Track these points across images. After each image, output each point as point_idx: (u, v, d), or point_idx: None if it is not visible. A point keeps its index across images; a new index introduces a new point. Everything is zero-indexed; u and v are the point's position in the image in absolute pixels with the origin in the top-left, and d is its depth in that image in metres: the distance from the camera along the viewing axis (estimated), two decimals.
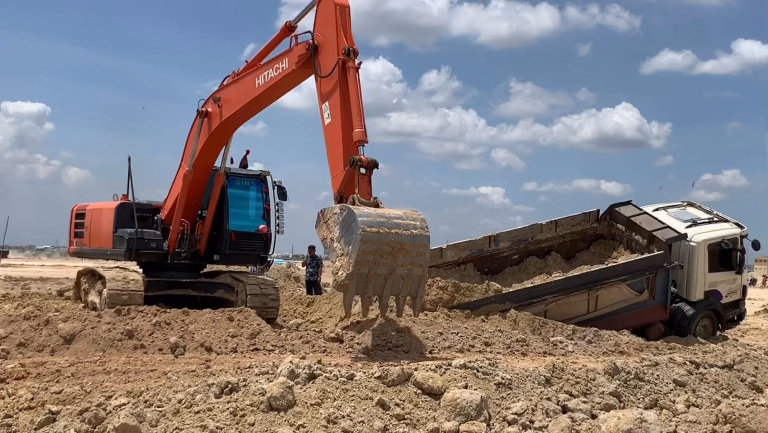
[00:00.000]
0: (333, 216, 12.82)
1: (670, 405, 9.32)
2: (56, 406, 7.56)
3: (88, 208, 19.01)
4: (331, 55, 13.70)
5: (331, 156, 13.80)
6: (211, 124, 16.59)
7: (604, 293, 18.58)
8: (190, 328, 13.53)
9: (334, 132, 13.67)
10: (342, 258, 12.34)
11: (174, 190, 17.40)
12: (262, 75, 15.30)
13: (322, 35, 13.91)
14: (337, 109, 13.60)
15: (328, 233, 12.91)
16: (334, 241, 12.63)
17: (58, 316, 13.63)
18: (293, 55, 14.43)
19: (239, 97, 15.93)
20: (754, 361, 11.93)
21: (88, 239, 18.60)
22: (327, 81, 13.76)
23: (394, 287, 12.80)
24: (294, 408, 7.10)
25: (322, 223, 13.12)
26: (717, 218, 21.34)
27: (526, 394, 8.59)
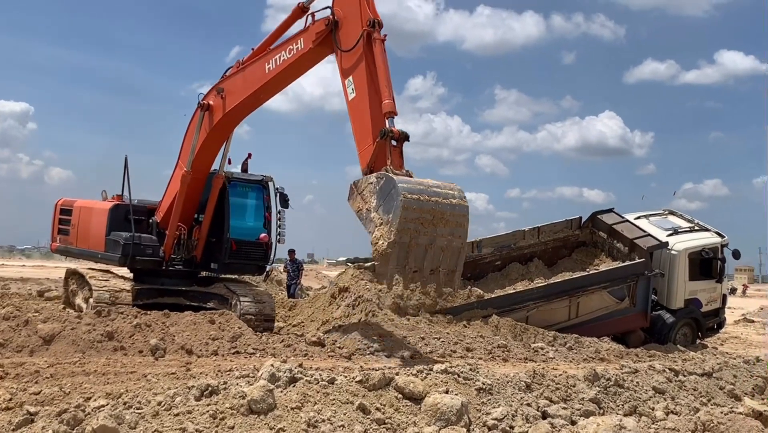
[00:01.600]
0: (368, 186, 12.55)
1: (649, 412, 9.35)
2: (34, 407, 7.51)
3: (75, 205, 18.34)
4: (353, 28, 13.50)
5: (358, 130, 13.51)
6: (213, 117, 16.08)
7: (585, 300, 18.65)
8: (170, 330, 13.45)
9: (361, 106, 13.39)
10: (382, 227, 12.07)
11: (170, 191, 16.84)
12: (272, 59, 14.95)
13: (342, 10, 13.73)
14: (362, 83, 13.36)
15: (364, 204, 12.64)
16: (372, 211, 12.33)
17: (37, 316, 13.53)
18: (310, 33, 14.18)
19: (246, 85, 15.52)
20: (733, 369, 12.00)
21: (74, 237, 18.05)
22: (349, 56, 13.54)
23: (434, 258, 12.49)
24: (274, 412, 7.08)
25: (356, 195, 12.88)
26: (698, 227, 21.49)
27: (507, 399, 8.60)
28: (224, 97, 15.77)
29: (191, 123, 16.60)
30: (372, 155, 12.83)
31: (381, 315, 16.24)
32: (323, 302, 18.57)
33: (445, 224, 12.25)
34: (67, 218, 18.42)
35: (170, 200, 16.70)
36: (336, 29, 13.73)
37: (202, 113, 16.06)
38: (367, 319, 16.15)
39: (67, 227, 18.37)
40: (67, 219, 18.45)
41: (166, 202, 16.97)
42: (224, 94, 15.76)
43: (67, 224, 18.36)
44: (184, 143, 16.75)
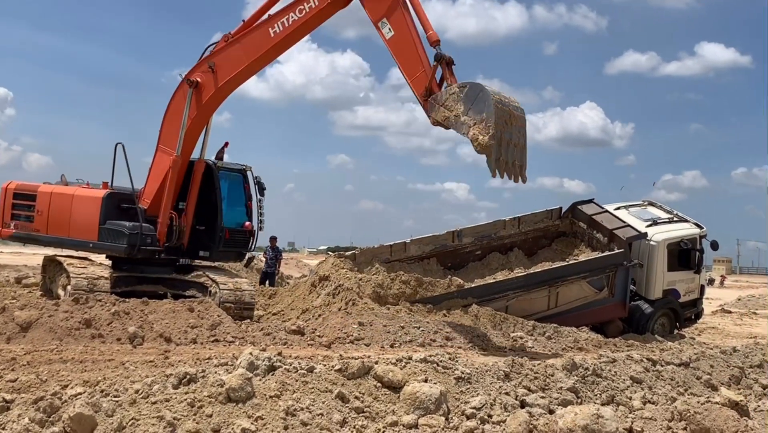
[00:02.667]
0: (451, 96, 13.85)
1: (627, 401, 9.41)
2: (10, 394, 7.45)
3: (41, 190, 17.39)
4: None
5: (406, 60, 14.65)
6: (202, 95, 16.20)
7: (564, 290, 18.74)
8: (149, 318, 13.39)
9: (404, 40, 14.63)
10: (476, 126, 13.41)
11: (154, 177, 16.66)
12: (278, 22, 15.54)
13: None
14: (401, 22, 14.61)
15: (449, 112, 13.88)
16: (461, 116, 13.64)
17: (14, 303, 13.44)
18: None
19: (246, 53, 15.97)
20: (710, 359, 12.09)
21: (42, 224, 17.08)
22: (376, 3, 14.82)
23: (512, 153, 13.84)
24: (253, 400, 7.07)
25: (438, 107, 14.04)
26: (677, 218, 21.62)
27: (485, 388, 8.62)
28: (215, 71, 16.00)
29: (172, 105, 16.56)
30: (429, 78, 14.19)
31: (361, 304, 16.24)
32: (303, 290, 18.54)
33: (513, 123, 13.78)
34: (28, 203, 17.45)
35: (155, 186, 16.58)
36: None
37: (191, 90, 16.11)
38: (347, 308, 16.14)
39: (28, 212, 17.42)
40: (27, 204, 17.47)
41: (150, 189, 16.72)
42: (215, 68, 15.98)
43: (28, 209, 17.42)
44: (164, 126, 16.66)
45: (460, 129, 13.86)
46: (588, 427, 7.86)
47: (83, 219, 16.65)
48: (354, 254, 19.33)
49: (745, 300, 38.33)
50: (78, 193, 17.17)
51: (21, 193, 17.66)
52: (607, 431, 7.92)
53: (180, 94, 16.46)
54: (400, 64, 14.96)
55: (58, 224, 17.01)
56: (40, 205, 17.23)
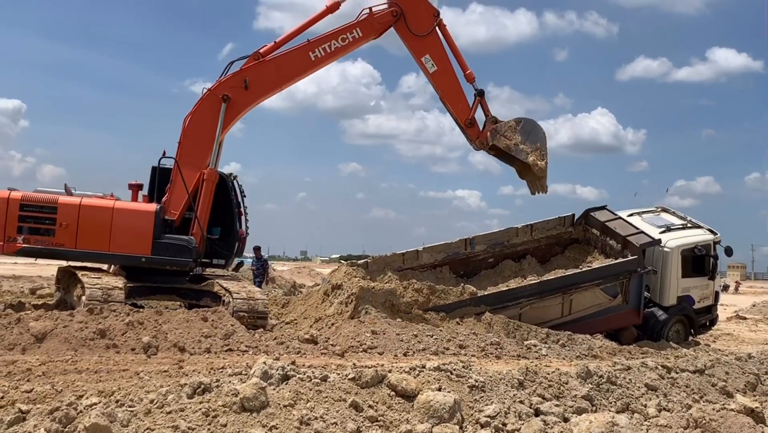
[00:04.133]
0: (509, 128, 17.64)
1: (642, 409, 9.38)
2: (26, 405, 7.50)
3: (62, 202, 16.08)
4: (418, 17, 17.26)
5: (450, 93, 17.64)
6: (234, 109, 16.67)
7: (578, 297, 18.68)
8: (163, 328, 13.42)
9: (446, 73, 17.50)
10: (534, 153, 17.59)
11: (179, 190, 16.63)
12: (319, 48, 16.92)
13: (400, 2, 17.12)
14: (441, 58, 17.39)
15: (509, 141, 17.56)
16: (519, 144, 17.54)
17: (29, 314, 13.50)
18: (373, 23, 17.16)
19: (281, 74, 17.05)
20: (725, 366, 12.02)
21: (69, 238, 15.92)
22: (419, 38, 17.26)
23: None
24: (267, 409, 7.08)
25: (499, 136, 17.58)
26: (690, 224, 21.52)
27: (500, 397, 8.61)
28: (249, 87, 16.59)
29: (196, 118, 16.71)
30: (470, 110, 17.62)
31: (374, 312, 16.24)
32: (316, 299, 18.56)
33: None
34: (44, 215, 16.00)
35: (182, 199, 16.66)
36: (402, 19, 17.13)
37: (224, 105, 16.45)
38: (360, 316, 16.15)
39: (44, 225, 15.95)
40: (41, 216, 15.99)
41: (177, 202, 16.72)
42: (248, 84, 16.58)
43: (44, 222, 15.96)
44: (188, 139, 16.74)
45: (519, 155, 17.53)
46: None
47: (131, 233, 16.18)
48: (366, 263, 19.35)
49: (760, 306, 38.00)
50: (121, 206, 16.55)
51: (32, 205, 16.00)
52: None
53: (206, 107, 16.68)
54: (443, 95, 17.66)
55: (93, 237, 16.05)
56: (63, 218, 15.96)
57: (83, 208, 16.13)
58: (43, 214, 16.01)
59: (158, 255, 16.21)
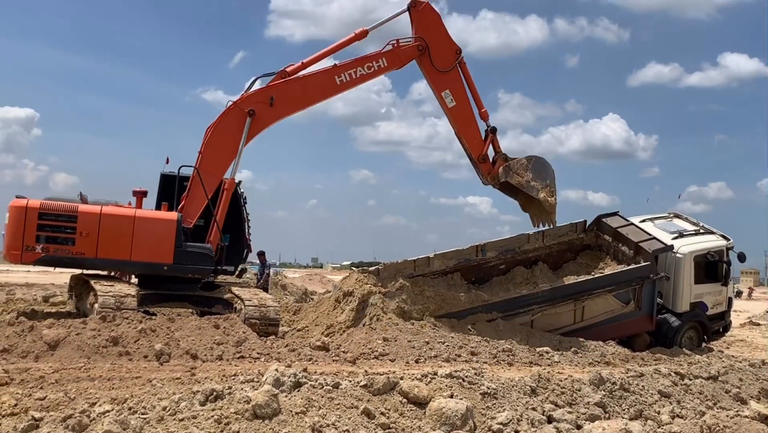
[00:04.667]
0: (521, 165, 18.43)
1: (655, 416, 9.34)
2: (40, 412, 7.52)
3: (83, 211, 15.79)
4: (441, 53, 17.97)
5: (466, 128, 18.47)
6: (258, 124, 16.94)
7: (590, 304, 18.63)
8: (175, 335, 13.44)
9: (465, 111, 18.33)
10: (545, 189, 18.45)
11: (198, 198, 16.69)
12: (345, 73, 17.47)
13: (426, 38, 17.83)
14: (461, 94, 18.20)
15: (521, 177, 18.37)
16: (530, 181, 18.36)
17: (42, 322, 13.54)
18: (399, 54, 17.84)
19: (307, 95, 17.59)
20: (739, 373, 11.98)
21: (90, 247, 15.72)
22: (441, 74, 17.99)
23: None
24: (279, 416, 7.08)
25: (512, 173, 18.37)
26: (703, 230, 21.44)
27: (512, 404, 8.59)
28: (274, 104, 16.92)
29: (219, 130, 16.82)
30: (483, 146, 18.48)
31: (385, 319, 16.25)
32: (328, 306, 18.56)
33: None
34: (64, 224, 15.70)
35: (199, 207, 16.73)
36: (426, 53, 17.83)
37: (249, 120, 16.69)
38: (372, 323, 16.15)
39: (64, 234, 15.67)
40: (61, 225, 15.70)
41: (193, 210, 16.77)
42: (274, 102, 16.91)
43: (64, 231, 15.68)
44: (210, 150, 16.82)
45: (531, 191, 18.41)
46: None
47: (152, 241, 16.11)
48: (378, 270, 19.30)
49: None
50: (142, 214, 16.44)
51: (51, 214, 15.68)
52: None
53: (230, 120, 16.84)
54: (459, 130, 18.53)
55: (114, 246, 15.90)
56: (83, 227, 15.71)
57: (104, 216, 15.96)
58: (62, 222, 15.73)
59: (180, 263, 16.24)
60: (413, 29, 18.10)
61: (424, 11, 18.03)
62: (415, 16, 18.02)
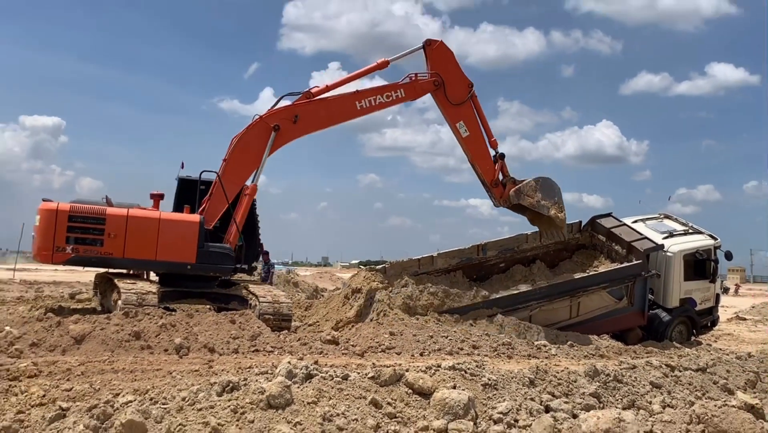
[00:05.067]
0: (530, 188, 18.73)
1: (647, 406, 9.32)
2: (66, 403, 7.54)
3: (110, 213, 15.83)
4: (455, 87, 18.30)
5: (479, 156, 18.79)
6: (282, 139, 17.10)
7: (585, 300, 18.62)
8: (194, 330, 13.47)
9: (478, 141, 18.71)
10: (554, 206, 18.75)
11: (219, 202, 16.75)
12: (365, 99, 17.75)
13: (441, 73, 18.19)
14: (473, 125, 18.56)
15: (532, 198, 18.69)
16: (540, 200, 18.67)
17: (69, 318, 13.58)
18: (416, 87, 18.24)
19: (330, 116, 17.77)
20: (726, 365, 11.94)
21: (118, 247, 15.77)
22: (455, 107, 18.32)
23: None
24: (291, 406, 7.09)
25: (524, 195, 18.71)
26: (692, 230, 21.43)
27: (511, 394, 8.59)
28: (298, 121, 17.09)
29: (245, 140, 16.96)
30: (495, 171, 18.84)
31: (392, 315, 16.25)
32: (337, 302, 18.59)
33: None
34: (93, 226, 15.72)
35: (220, 210, 16.81)
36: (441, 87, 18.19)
37: (274, 134, 16.85)
38: (379, 318, 16.16)
39: (93, 236, 15.68)
40: (90, 227, 15.72)
41: (214, 213, 16.83)
42: (298, 120, 17.08)
43: (93, 232, 15.69)
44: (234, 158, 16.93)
45: (542, 210, 18.70)
46: (610, 430, 7.80)
47: (176, 242, 16.15)
48: (384, 268, 19.34)
49: (759, 307, 37.66)
50: (167, 217, 16.49)
51: (81, 216, 15.71)
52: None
53: (256, 132, 16.97)
54: (472, 158, 18.81)
55: (140, 246, 15.97)
56: (112, 228, 15.77)
57: (131, 218, 16.00)
58: (91, 224, 15.75)
59: (202, 262, 16.31)
60: (428, 65, 18.40)
61: (439, 49, 18.38)
62: (430, 53, 18.36)
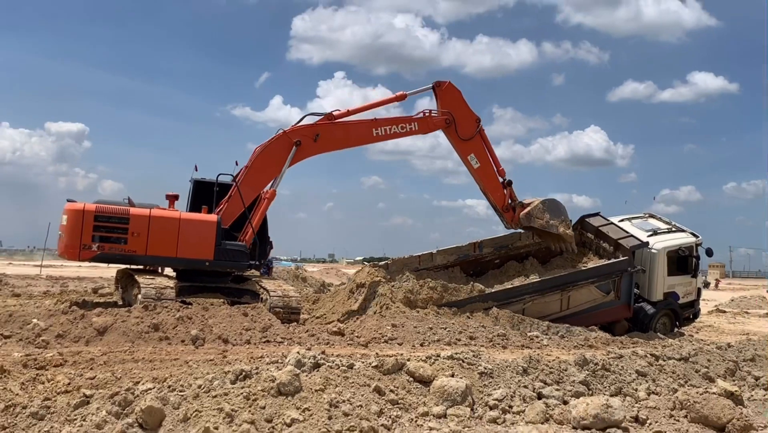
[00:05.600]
0: (537, 209, 19.24)
1: (633, 393, 9.30)
2: (90, 390, 7.53)
3: (134, 213, 15.87)
4: (465, 124, 18.76)
5: (490, 185, 19.22)
6: (302, 154, 17.28)
7: (575, 294, 18.61)
8: (209, 322, 13.47)
9: (488, 171, 19.16)
10: (562, 224, 19.47)
11: (236, 204, 16.85)
12: (382, 128, 18.11)
13: (452, 111, 18.61)
14: (483, 157, 19.01)
15: (542, 220, 19.22)
16: (549, 220, 19.24)
17: (92, 311, 13.59)
18: (429, 123, 18.63)
19: (347, 138, 18.12)
20: (707, 354, 11.89)
21: (141, 245, 15.80)
22: (465, 142, 18.76)
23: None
24: (300, 393, 7.08)
25: (534, 218, 19.23)
26: (675, 228, 21.40)
27: (506, 382, 8.57)
28: (318, 140, 17.32)
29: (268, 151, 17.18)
30: (505, 197, 19.31)
31: (394, 307, 16.24)
32: (343, 296, 18.58)
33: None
34: (117, 225, 15.73)
35: (237, 212, 16.89)
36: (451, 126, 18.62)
37: (295, 148, 17.05)
38: (382, 311, 16.14)
39: (118, 234, 15.69)
40: (115, 226, 15.71)
41: (231, 213, 16.89)
42: (318, 139, 17.31)
43: (117, 231, 15.70)
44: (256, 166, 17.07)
45: (551, 228, 19.29)
46: (598, 416, 7.78)
47: (196, 240, 16.17)
48: (387, 264, 19.39)
49: (737, 301, 37.68)
50: (187, 216, 16.53)
51: (106, 216, 15.73)
52: (615, 420, 7.83)
53: (278, 145, 17.16)
54: (484, 187, 19.17)
55: (162, 244, 16.00)
56: (135, 228, 15.80)
57: (153, 218, 16.03)
58: (116, 224, 15.77)
59: (220, 259, 16.34)
60: (438, 104, 18.76)
61: (448, 90, 18.73)
62: (440, 93, 18.70)
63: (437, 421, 7.34)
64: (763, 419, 8.55)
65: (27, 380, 8.02)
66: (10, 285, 24.63)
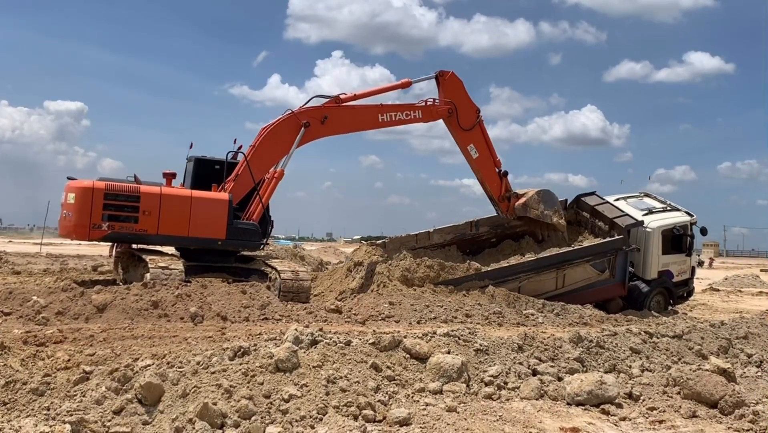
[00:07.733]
0: (533, 201, 19.61)
1: (627, 369, 9.34)
2: (90, 366, 7.53)
3: (145, 192, 15.48)
4: (465, 114, 18.96)
5: (488, 175, 19.47)
6: (309, 135, 17.24)
7: (570, 272, 18.63)
8: (208, 299, 13.46)
9: (486, 161, 19.39)
10: (555, 214, 19.87)
11: (245, 184, 16.69)
12: (387, 114, 18.23)
13: (454, 101, 18.78)
14: (482, 147, 19.22)
15: (537, 210, 19.61)
16: (543, 210, 19.66)
17: (92, 288, 13.58)
18: (432, 112, 18.75)
19: (354, 122, 18.21)
20: (700, 332, 11.94)
21: (152, 224, 15.44)
22: (465, 132, 18.96)
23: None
24: (298, 370, 7.10)
25: (530, 208, 19.62)
26: (670, 207, 21.40)
27: (501, 359, 8.60)
28: (325, 123, 17.33)
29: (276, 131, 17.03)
30: (501, 187, 19.63)
31: (391, 286, 16.25)
32: (340, 274, 18.59)
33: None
34: (128, 204, 15.29)
35: (244, 191, 16.79)
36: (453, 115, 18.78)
37: (304, 129, 16.98)
38: (379, 289, 16.15)
39: (128, 213, 15.29)
40: (125, 205, 15.29)
41: (239, 192, 16.70)
42: (326, 121, 17.32)
43: (128, 210, 15.29)
44: (263, 146, 16.93)
45: (546, 219, 19.70)
46: (593, 392, 7.83)
47: (208, 219, 15.88)
48: (384, 243, 19.39)
49: (731, 279, 37.78)
50: (198, 195, 16.12)
51: (116, 194, 15.30)
52: (609, 396, 7.88)
53: (287, 126, 17.05)
54: (482, 177, 19.42)
55: (173, 223, 15.62)
56: (146, 206, 15.39)
57: (164, 196, 15.66)
58: (126, 202, 15.35)
59: (232, 239, 16.12)
60: (440, 94, 18.91)
61: (451, 80, 18.91)
62: (443, 83, 18.86)
63: (433, 397, 7.38)
64: (755, 395, 8.60)
65: (27, 356, 8.01)
66: (10, 263, 24.63)
